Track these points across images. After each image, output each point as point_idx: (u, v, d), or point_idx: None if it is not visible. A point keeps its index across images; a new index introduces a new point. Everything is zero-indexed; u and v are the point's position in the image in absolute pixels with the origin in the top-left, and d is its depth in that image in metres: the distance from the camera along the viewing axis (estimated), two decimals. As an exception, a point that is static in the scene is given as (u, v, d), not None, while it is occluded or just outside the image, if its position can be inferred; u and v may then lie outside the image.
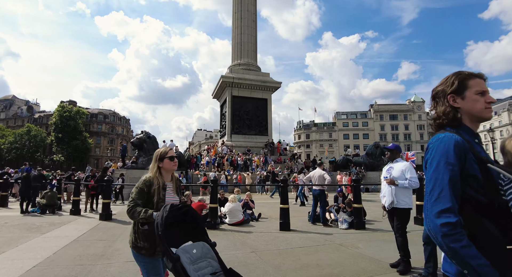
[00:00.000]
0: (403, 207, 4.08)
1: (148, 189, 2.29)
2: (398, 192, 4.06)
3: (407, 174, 4.07)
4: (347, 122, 77.58)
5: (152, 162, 2.45)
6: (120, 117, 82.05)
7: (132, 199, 2.27)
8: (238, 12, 26.84)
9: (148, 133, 18.55)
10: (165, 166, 2.43)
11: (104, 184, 9.07)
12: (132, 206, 2.22)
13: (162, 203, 2.29)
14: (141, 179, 2.34)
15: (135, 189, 2.30)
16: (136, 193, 2.28)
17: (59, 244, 5.59)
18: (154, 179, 2.34)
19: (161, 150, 2.47)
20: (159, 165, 2.43)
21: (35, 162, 55.59)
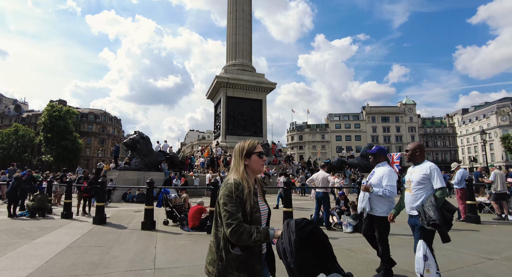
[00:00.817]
0: (379, 215, 3.88)
1: (242, 195, 1.71)
2: (373, 199, 3.87)
3: (384, 181, 3.84)
4: (340, 123, 78.05)
5: (236, 159, 1.92)
6: (111, 117, 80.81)
7: (230, 213, 1.65)
8: (233, 12, 26.61)
9: (141, 134, 18.13)
10: (253, 165, 1.88)
11: (98, 186, 8.67)
12: (236, 224, 1.62)
13: (257, 213, 1.77)
14: (228, 183, 1.76)
15: (227, 197, 1.70)
16: (234, 204, 1.67)
17: (51, 252, 5.24)
18: (243, 182, 1.77)
19: (248, 144, 1.92)
20: (245, 163, 1.89)
21: (22, 162, 54.14)
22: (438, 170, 3.34)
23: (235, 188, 1.71)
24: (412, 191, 3.43)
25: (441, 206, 3.14)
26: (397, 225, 8.01)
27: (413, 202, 3.42)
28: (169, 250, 5.38)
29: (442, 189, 3.21)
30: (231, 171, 1.89)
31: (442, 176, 3.30)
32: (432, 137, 77.62)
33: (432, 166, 3.37)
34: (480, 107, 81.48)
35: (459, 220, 8.71)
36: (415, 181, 3.41)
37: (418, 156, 3.54)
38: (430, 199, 3.16)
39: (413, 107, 77.84)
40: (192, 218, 7.34)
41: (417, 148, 3.54)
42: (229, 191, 1.70)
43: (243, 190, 1.72)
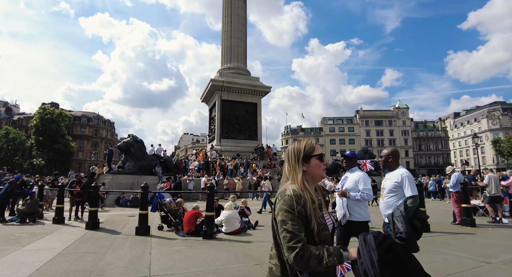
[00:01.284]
0: (357, 220, 3.76)
1: (304, 211, 1.40)
2: (350, 204, 3.77)
3: (361, 185, 3.75)
4: (334, 127, 78.47)
5: (290, 165, 1.57)
6: (105, 120, 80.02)
7: (291, 234, 1.34)
8: (228, 16, 26.66)
9: (135, 137, 17.94)
10: (313, 171, 1.55)
11: (91, 191, 8.50)
12: (301, 248, 1.31)
13: (325, 231, 1.46)
14: (286, 195, 1.43)
15: (286, 214, 1.38)
16: (295, 222, 1.37)
17: (42, 259, 5.08)
18: (304, 193, 1.45)
19: (305, 145, 1.58)
20: (303, 169, 1.55)
21: (13, 166, 53.18)
22: (410, 178, 3.26)
23: (296, 202, 1.39)
24: (385, 199, 3.38)
25: (412, 214, 3.09)
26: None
27: (385, 210, 3.37)
28: (165, 256, 5.27)
29: (413, 198, 3.14)
30: (284, 180, 1.60)
31: (414, 184, 3.23)
32: (425, 141, 78.42)
33: (404, 173, 3.29)
34: (471, 111, 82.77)
35: (454, 223, 8.74)
36: (387, 188, 3.36)
37: (391, 162, 3.47)
38: (400, 209, 3.09)
39: (406, 111, 78.66)
40: (188, 223, 7.23)
41: (390, 154, 3.48)
42: (289, 205, 1.39)
43: (305, 204, 1.41)
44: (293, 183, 1.51)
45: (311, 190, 1.49)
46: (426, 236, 6.97)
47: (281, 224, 1.38)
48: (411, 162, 75.45)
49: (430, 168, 71.45)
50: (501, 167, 57.41)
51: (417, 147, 77.64)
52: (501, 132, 67.32)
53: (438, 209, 13.06)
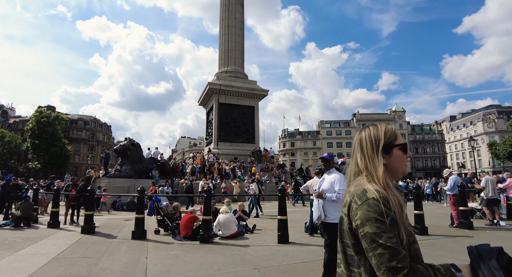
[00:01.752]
0: (332, 222, 3.77)
1: (396, 217, 1.08)
2: (326, 205, 3.79)
3: (336, 186, 3.77)
4: (331, 130, 78.67)
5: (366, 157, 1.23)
6: (101, 124, 79.66)
7: (391, 250, 1.01)
8: (225, 20, 26.74)
9: (132, 140, 17.84)
10: (395, 165, 1.22)
11: (87, 194, 8.41)
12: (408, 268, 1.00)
13: (415, 244, 1.15)
14: (369, 198, 1.10)
15: (377, 223, 1.05)
16: (392, 233, 1.04)
17: (36, 264, 4.99)
18: (390, 195, 1.12)
19: (384, 131, 1.25)
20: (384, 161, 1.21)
21: (8, 170, 52.63)
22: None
23: (385, 206, 1.07)
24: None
25: None
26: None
27: None
28: (161, 261, 5.20)
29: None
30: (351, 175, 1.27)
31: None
32: (422, 144, 78.79)
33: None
34: (467, 114, 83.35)
35: (452, 226, 8.73)
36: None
37: None
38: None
39: (403, 114, 79.12)
40: (185, 227, 7.15)
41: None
42: (377, 212, 1.06)
43: (394, 208, 1.09)
44: (370, 181, 1.16)
45: (395, 190, 1.16)
46: (425, 239, 6.96)
47: (371, 237, 1.04)
48: (408, 165, 75.62)
49: (427, 171, 71.68)
50: (497, 170, 57.70)
51: (414, 150, 77.94)
52: (497, 135, 67.79)
53: (436, 212, 13.06)
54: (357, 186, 1.19)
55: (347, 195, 1.20)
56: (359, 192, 1.14)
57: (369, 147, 1.24)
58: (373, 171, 1.19)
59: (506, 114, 72.75)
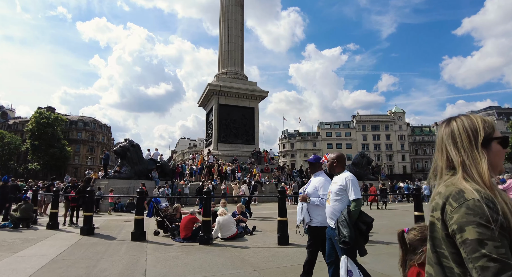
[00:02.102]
0: (315, 225, 3.78)
1: (508, 223, 0.90)
2: (311, 209, 3.76)
3: (320, 190, 3.72)
4: (331, 132, 78.68)
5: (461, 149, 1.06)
6: (101, 125, 79.63)
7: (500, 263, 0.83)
8: (225, 21, 26.78)
9: (131, 141, 17.83)
10: (494, 161, 1.06)
11: (86, 196, 8.38)
12: None
13: None
14: (469, 198, 0.93)
15: (481, 229, 0.88)
16: (500, 243, 0.86)
17: (34, 265, 4.97)
18: (497, 196, 0.96)
19: (483, 122, 1.07)
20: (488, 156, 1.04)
21: (7, 171, 52.62)
22: (354, 181, 3.23)
23: (490, 208, 0.90)
24: (331, 202, 3.31)
25: (357, 218, 3.06)
26: (390, 233, 7.97)
27: (331, 214, 3.31)
28: (160, 262, 5.17)
29: (356, 201, 3.10)
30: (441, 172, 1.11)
31: (358, 187, 3.21)
32: (422, 145, 78.80)
33: (348, 176, 3.25)
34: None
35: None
36: (333, 192, 3.32)
37: (336, 167, 3.46)
38: (343, 213, 3.08)
39: (403, 115, 79.13)
40: (184, 228, 7.13)
41: (335, 159, 3.47)
42: (481, 216, 0.89)
43: (504, 212, 0.91)
44: (467, 180, 1.00)
45: (501, 191, 1.00)
46: (424, 240, 6.94)
47: (472, 245, 0.87)
48: (408, 166, 75.69)
49: (427, 172, 71.36)
50: (497, 171, 57.69)
51: (414, 152, 77.97)
52: (497, 137, 67.83)
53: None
54: (449, 185, 1.02)
55: (437, 197, 1.04)
56: (454, 192, 0.97)
57: (465, 140, 1.05)
58: (473, 168, 1.01)
59: (506, 115, 72.90)
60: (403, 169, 75.10)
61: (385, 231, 8.34)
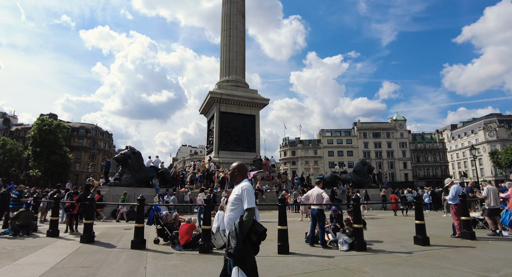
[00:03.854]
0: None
1: None
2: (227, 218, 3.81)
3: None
4: (332, 139, 78.68)
5: None
6: (103, 132, 79.92)
7: None
8: (226, 30, 27.11)
9: (132, 149, 17.87)
10: None
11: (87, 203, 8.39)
12: None
13: None
14: None
15: None
16: None
17: (33, 273, 4.95)
18: None
19: None
20: None
21: (9, 177, 52.69)
22: (249, 190, 3.19)
23: None
24: (228, 212, 3.30)
25: (250, 228, 3.00)
26: (394, 242, 7.92)
27: (227, 224, 3.28)
28: (160, 271, 5.15)
29: (248, 210, 3.05)
30: None
31: (252, 197, 3.16)
32: (423, 153, 78.62)
33: (245, 186, 3.22)
34: (468, 123, 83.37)
35: (454, 236, 8.64)
36: (230, 201, 3.30)
37: (237, 176, 3.46)
38: (236, 224, 3.02)
39: (404, 123, 79.14)
40: (185, 235, 7.11)
41: (236, 168, 3.46)
42: None
43: None
44: None
45: None
46: (426, 249, 6.89)
47: None
48: (409, 174, 75.37)
49: (429, 180, 71.26)
50: (499, 179, 57.40)
51: (415, 159, 77.74)
52: (498, 144, 67.66)
53: (437, 222, 12.94)
54: None
55: None
56: None
57: None
58: None
59: (507, 122, 72.79)
60: (405, 176, 74.75)
61: (386, 240, 8.29)
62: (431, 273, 5.00)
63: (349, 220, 7.63)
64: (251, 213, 3.03)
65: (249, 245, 2.96)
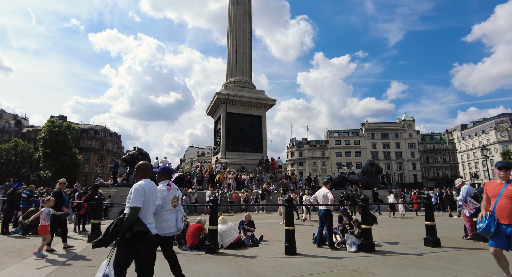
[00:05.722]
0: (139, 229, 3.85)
1: None
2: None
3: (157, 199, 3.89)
4: (339, 140, 78.04)
5: None
6: (111, 133, 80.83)
7: None
8: (233, 31, 27.16)
9: (140, 149, 18.00)
10: None
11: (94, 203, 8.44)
12: None
13: None
14: None
15: None
16: None
17: (41, 272, 4.99)
18: None
19: None
20: None
21: (20, 178, 53.63)
22: (138, 190, 3.25)
23: None
24: (125, 210, 3.35)
25: (130, 227, 3.08)
26: (403, 243, 7.76)
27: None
28: (166, 271, 5.11)
29: (131, 209, 3.15)
30: None
31: (139, 196, 3.21)
32: (432, 153, 77.42)
33: (135, 185, 3.31)
34: (478, 123, 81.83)
35: (466, 238, 8.44)
36: (127, 200, 3.36)
37: (137, 176, 3.58)
38: (114, 220, 3.16)
39: (412, 123, 78.13)
40: (191, 236, 7.10)
41: (136, 168, 3.62)
42: None
43: None
44: None
45: None
46: (437, 251, 6.74)
47: None
48: (418, 175, 74.31)
49: (438, 181, 70.16)
50: (512, 181, 56.08)
51: (424, 160, 76.60)
52: (510, 144, 66.23)
53: (448, 223, 12.68)
54: None
55: None
56: None
57: None
58: None
59: (520, 122, 71.18)
60: (414, 177, 73.75)
61: (395, 241, 8.13)
62: (442, 275, 4.87)
63: (358, 221, 7.51)
64: (132, 212, 3.13)
65: (124, 242, 3.06)
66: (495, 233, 3.92)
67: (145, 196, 3.26)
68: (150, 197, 3.35)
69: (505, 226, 3.86)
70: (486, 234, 4.07)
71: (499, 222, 3.91)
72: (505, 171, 4.04)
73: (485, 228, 4.00)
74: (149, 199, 3.34)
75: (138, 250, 3.13)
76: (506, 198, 3.91)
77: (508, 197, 3.90)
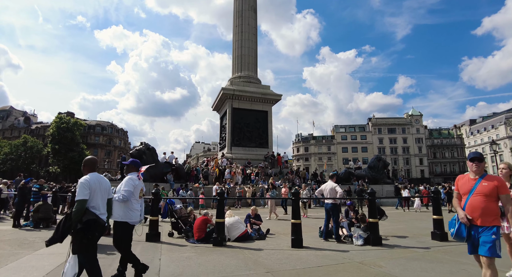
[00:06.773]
0: (115, 220, 4.15)
1: None
2: (114, 205, 4.06)
3: (122, 186, 4.16)
4: (346, 135, 77.62)
5: None
6: (118, 129, 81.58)
7: None
8: (238, 26, 27.06)
9: (147, 145, 18.15)
10: None
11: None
12: None
13: None
14: None
15: None
16: None
17: (53, 263, 5.11)
18: None
19: None
20: None
21: (30, 173, 54.53)
22: (82, 184, 3.34)
23: None
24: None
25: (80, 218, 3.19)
26: (410, 237, 7.75)
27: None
28: (174, 263, 5.20)
29: (77, 202, 3.27)
30: None
31: (84, 189, 3.30)
32: (440, 148, 76.59)
33: (80, 180, 3.40)
34: (488, 117, 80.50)
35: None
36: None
37: (84, 170, 3.60)
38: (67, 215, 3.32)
39: (420, 118, 77.28)
40: (198, 229, 7.17)
41: (83, 163, 3.68)
42: None
43: None
44: None
45: None
46: (444, 245, 6.71)
47: None
48: (425, 170, 73.70)
49: (446, 176, 69.44)
50: (521, 176, 55.23)
51: (432, 155, 75.86)
52: (521, 140, 65.13)
53: (456, 218, 12.58)
54: None
55: None
56: None
57: None
58: None
59: (530, 117, 69.88)
60: (421, 173, 73.17)
61: (402, 235, 8.11)
62: (450, 268, 4.85)
63: (364, 215, 7.50)
64: (78, 205, 3.25)
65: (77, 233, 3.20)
66: (468, 237, 3.24)
67: (91, 188, 3.35)
68: (97, 190, 3.43)
69: (478, 228, 3.18)
70: (459, 240, 3.38)
71: (471, 224, 3.22)
72: (478, 163, 3.34)
73: (456, 233, 3.31)
74: (96, 191, 3.42)
75: (92, 237, 3.29)
76: (479, 195, 3.22)
77: (481, 194, 3.21)
